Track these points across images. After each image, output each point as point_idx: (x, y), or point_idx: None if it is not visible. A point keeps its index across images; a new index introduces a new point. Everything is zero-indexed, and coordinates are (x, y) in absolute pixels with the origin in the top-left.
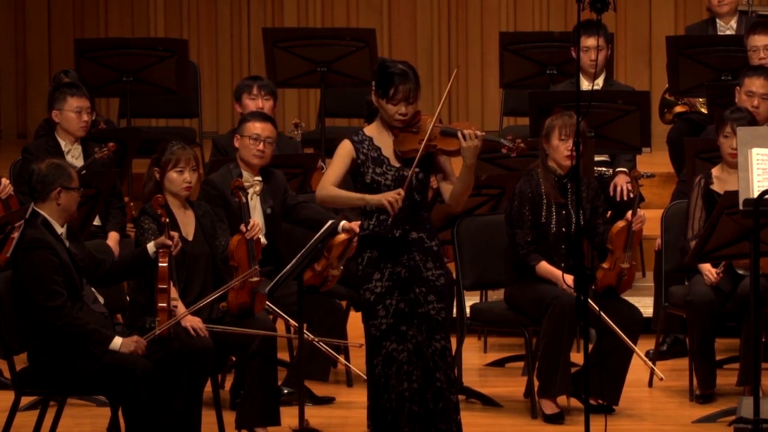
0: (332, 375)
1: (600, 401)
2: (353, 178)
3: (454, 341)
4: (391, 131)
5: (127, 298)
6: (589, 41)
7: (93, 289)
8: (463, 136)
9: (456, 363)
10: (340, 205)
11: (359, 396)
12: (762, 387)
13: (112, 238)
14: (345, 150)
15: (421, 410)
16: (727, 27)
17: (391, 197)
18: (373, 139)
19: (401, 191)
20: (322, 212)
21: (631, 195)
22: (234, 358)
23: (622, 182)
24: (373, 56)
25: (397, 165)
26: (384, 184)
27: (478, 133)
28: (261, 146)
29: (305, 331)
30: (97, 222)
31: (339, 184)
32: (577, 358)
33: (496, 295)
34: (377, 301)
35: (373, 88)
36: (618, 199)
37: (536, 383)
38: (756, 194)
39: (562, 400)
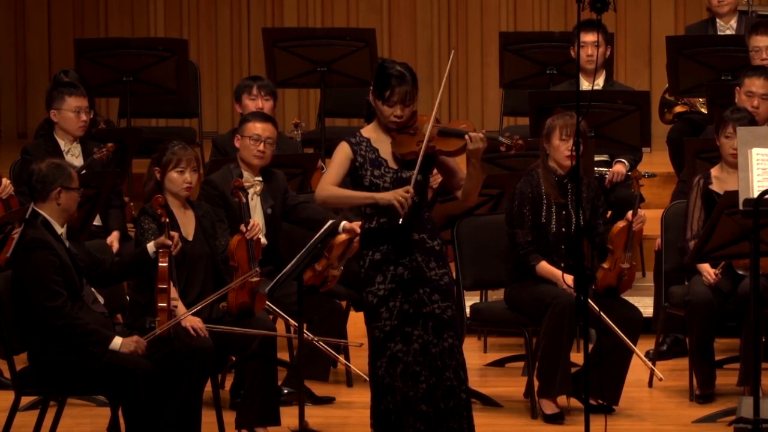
0: (332, 375)
1: (600, 401)
2: (353, 182)
3: None
4: (389, 133)
5: (127, 298)
6: (588, 37)
7: (93, 289)
8: (470, 138)
9: None
10: (343, 205)
11: (359, 396)
12: (762, 387)
13: (113, 237)
14: (343, 152)
15: (430, 410)
16: (727, 27)
17: (400, 196)
18: (371, 140)
19: (410, 189)
20: (323, 212)
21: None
22: (234, 358)
23: (617, 170)
24: (373, 56)
25: (395, 167)
26: (383, 186)
27: (483, 134)
28: (261, 146)
29: (305, 331)
30: (97, 222)
31: (339, 185)
32: (577, 358)
33: (496, 295)
34: (380, 303)
35: (371, 88)
36: (608, 185)
37: (536, 383)
38: (756, 194)
39: (562, 400)
